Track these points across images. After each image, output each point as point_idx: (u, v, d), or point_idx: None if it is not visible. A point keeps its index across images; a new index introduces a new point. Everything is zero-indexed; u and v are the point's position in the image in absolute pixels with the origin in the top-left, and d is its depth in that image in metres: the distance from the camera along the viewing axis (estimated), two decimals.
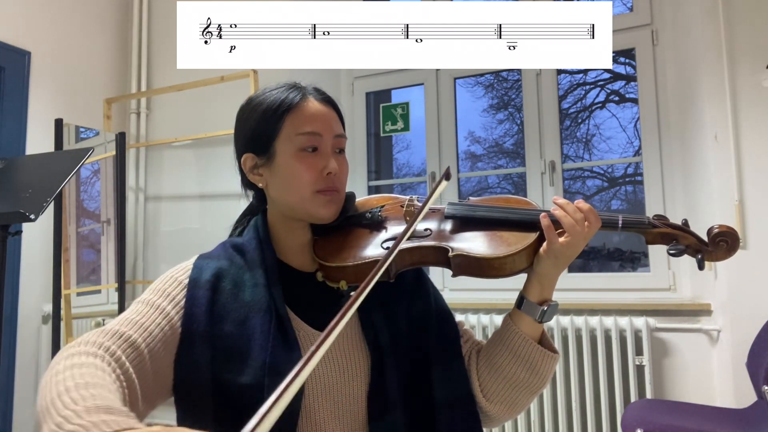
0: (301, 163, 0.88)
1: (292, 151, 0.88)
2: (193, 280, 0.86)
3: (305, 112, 0.89)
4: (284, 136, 0.89)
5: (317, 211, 0.89)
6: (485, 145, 3.42)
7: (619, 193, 3.29)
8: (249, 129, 0.92)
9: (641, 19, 2.72)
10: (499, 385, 0.90)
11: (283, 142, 0.89)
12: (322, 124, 0.90)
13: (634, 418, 1.94)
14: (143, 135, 3.32)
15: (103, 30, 3.29)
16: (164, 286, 0.87)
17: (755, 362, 2.03)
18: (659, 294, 2.57)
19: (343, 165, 0.93)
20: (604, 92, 3.21)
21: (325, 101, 0.93)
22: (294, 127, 0.89)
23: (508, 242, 0.85)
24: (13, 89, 2.74)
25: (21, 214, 1.55)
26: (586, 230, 0.84)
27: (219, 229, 3.50)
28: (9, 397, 2.66)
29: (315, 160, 0.89)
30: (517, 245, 0.84)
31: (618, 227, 0.87)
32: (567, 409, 2.48)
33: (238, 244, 0.93)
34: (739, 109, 2.28)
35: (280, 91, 0.92)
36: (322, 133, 0.89)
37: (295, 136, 0.88)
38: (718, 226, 0.85)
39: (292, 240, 0.94)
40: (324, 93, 0.95)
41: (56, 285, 2.64)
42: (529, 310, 0.88)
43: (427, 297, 0.96)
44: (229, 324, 0.83)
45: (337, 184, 0.90)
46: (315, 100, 0.92)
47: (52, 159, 1.92)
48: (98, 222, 3.04)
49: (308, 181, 0.88)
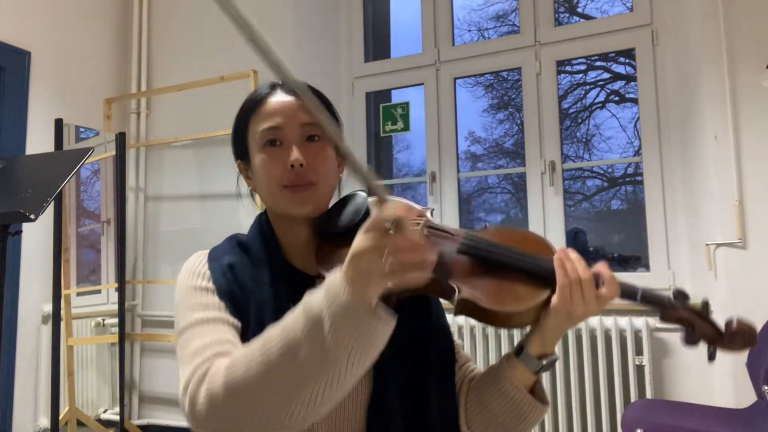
0: (265, 160, 0.86)
1: (257, 149, 0.87)
2: (213, 272, 0.85)
3: (266, 108, 0.87)
4: (251, 136, 0.89)
5: (288, 208, 0.86)
6: (485, 145, 3.42)
7: (619, 193, 3.29)
8: (231, 134, 0.93)
9: (641, 19, 2.72)
10: (483, 422, 0.87)
11: (251, 143, 0.89)
12: (281, 115, 0.86)
13: (634, 418, 1.94)
14: (143, 135, 3.32)
15: (103, 30, 3.29)
16: (198, 299, 0.83)
17: (755, 362, 2.03)
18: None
19: (318, 155, 0.86)
20: (604, 92, 3.21)
21: (293, 92, 0.88)
22: (256, 125, 0.87)
23: (518, 296, 0.79)
24: (13, 89, 2.74)
25: (21, 214, 1.55)
26: (601, 304, 0.79)
27: (219, 229, 3.50)
28: (9, 397, 2.66)
29: (278, 153, 0.85)
30: (528, 302, 0.79)
31: (636, 300, 0.83)
32: (567, 409, 2.48)
33: (243, 242, 0.92)
34: (739, 109, 2.28)
35: (254, 92, 0.91)
36: (281, 125, 0.86)
37: (257, 134, 0.87)
38: (737, 323, 0.80)
39: (291, 238, 0.91)
40: (297, 83, 0.90)
41: (56, 285, 2.64)
42: (527, 361, 0.83)
43: (429, 313, 0.91)
44: (247, 314, 0.82)
45: (307, 176, 0.84)
46: (281, 92, 0.89)
47: (52, 159, 1.92)
48: (98, 222, 3.04)
49: (274, 176, 0.85)
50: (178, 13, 3.33)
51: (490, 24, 3.42)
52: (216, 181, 3.09)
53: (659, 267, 2.59)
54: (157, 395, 3.16)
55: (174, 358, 2.27)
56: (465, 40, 3.34)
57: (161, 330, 3.15)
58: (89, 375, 3.06)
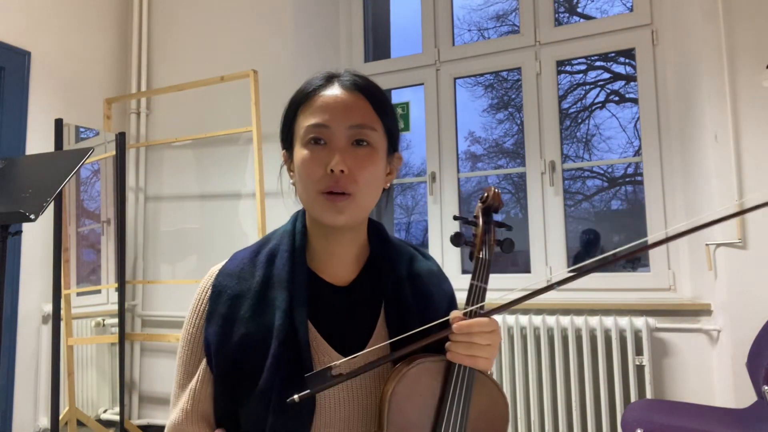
0: (306, 158, 0.80)
1: (300, 145, 0.82)
2: (209, 314, 0.84)
3: (316, 101, 0.81)
4: (297, 129, 0.84)
5: (321, 215, 0.80)
6: (485, 145, 3.42)
7: (619, 193, 3.29)
8: (281, 124, 0.88)
9: (641, 19, 2.72)
10: None
11: (297, 136, 0.84)
12: (331, 112, 0.80)
13: (634, 418, 1.94)
14: (143, 135, 3.32)
15: (103, 30, 3.29)
16: (186, 355, 0.86)
17: (755, 362, 2.03)
18: (659, 294, 2.57)
19: (362, 162, 0.80)
20: (604, 92, 3.21)
21: (352, 87, 0.82)
22: (303, 119, 0.82)
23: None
24: (13, 89, 2.74)
25: (21, 214, 1.55)
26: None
27: (219, 229, 3.50)
28: (9, 397, 2.66)
29: (321, 154, 0.79)
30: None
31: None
32: (567, 409, 2.48)
33: (271, 254, 0.87)
34: (739, 109, 2.28)
35: (308, 81, 0.86)
36: (329, 123, 0.80)
37: (303, 129, 0.82)
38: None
39: (326, 244, 0.87)
40: (357, 78, 0.84)
41: (56, 285, 2.64)
42: None
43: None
44: (249, 351, 0.80)
45: (345, 185, 0.78)
46: (338, 87, 0.82)
47: (52, 159, 1.92)
48: (98, 222, 3.04)
49: (312, 179, 0.79)
50: (178, 13, 3.33)
51: (490, 24, 3.42)
52: (216, 181, 3.09)
53: (659, 267, 2.59)
54: (157, 395, 3.16)
55: (174, 359, 2.27)
56: (465, 40, 3.34)
57: (161, 330, 3.15)
58: (89, 375, 3.06)
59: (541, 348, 2.52)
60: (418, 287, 0.89)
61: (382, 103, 0.84)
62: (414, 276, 0.90)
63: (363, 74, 0.86)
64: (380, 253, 0.90)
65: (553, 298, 2.60)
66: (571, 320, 2.48)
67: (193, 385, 0.84)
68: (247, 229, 2.97)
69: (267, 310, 0.81)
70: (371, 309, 0.86)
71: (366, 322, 0.85)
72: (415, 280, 0.89)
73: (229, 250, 0.93)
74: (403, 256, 0.91)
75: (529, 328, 2.54)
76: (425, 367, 0.80)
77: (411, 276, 0.90)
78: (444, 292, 0.94)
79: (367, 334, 0.85)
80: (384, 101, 0.85)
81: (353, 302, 0.86)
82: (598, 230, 3.11)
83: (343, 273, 0.87)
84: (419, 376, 0.80)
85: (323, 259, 0.87)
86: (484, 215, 0.94)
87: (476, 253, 0.90)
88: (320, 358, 0.81)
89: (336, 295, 0.86)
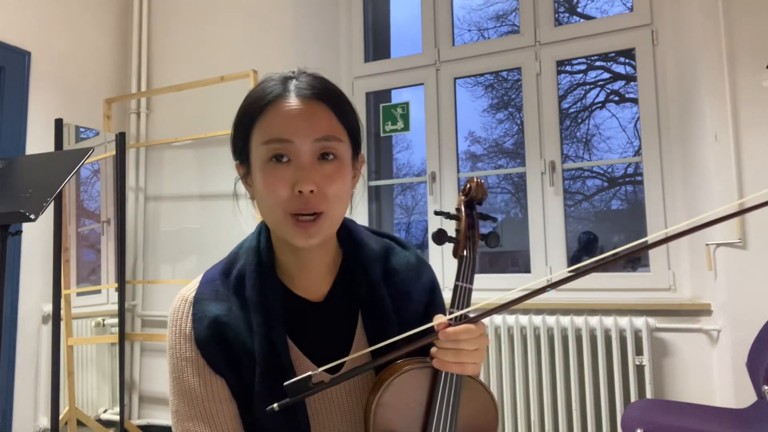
0: (269, 178, 0.74)
1: (260, 163, 0.75)
2: (198, 341, 0.79)
3: (274, 113, 0.74)
4: (254, 144, 0.76)
5: (292, 239, 0.75)
6: (485, 145, 3.42)
7: (619, 193, 3.29)
8: (232, 133, 0.81)
9: (641, 19, 2.72)
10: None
11: (254, 151, 0.76)
12: (292, 126, 0.73)
13: (634, 418, 1.94)
14: (143, 135, 3.32)
15: (103, 30, 3.29)
16: (182, 384, 0.80)
17: (755, 362, 2.03)
18: (659, 294, 2.57)
19: (332, 177, 0.74)
20: (604, 92, 3.21)
21: (311, 96, 0.75)
22: (261, 134, 0.75)
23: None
24: (13, 89, 2.74)
25: (21, 214, 1.55)
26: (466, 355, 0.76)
27: (218, 229, 3.49)
28: (9, 397, 2.66)
29: (285, 173, 0.73)
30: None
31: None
32: (567, 409, 2.48)
33: (239, 276, 0.82)
34: (739, 109, 2.28)
35: (261, 87, 0.78)
36: (291, 138, 0.73)
37: (261, 146, 0.74)
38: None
39: (294, 261, 0.83)
40: (314, 84, 0.77)
41: (56, 285, 2.64)
42: None
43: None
44: (242, 371, 0.80)
45: (316, 204, 0.73)
46: (296, 96, 0.75)
47: (52, 159, 1.92)
48: (98, 222, 3.04)
49: (278, 200, 0.73)
50: (178, 13, 3.33)
51: (490, 24, 3.43)
52: (216, 181, 3.09)
53: (659, 267, 2.59)
54: (157, 395, 3.16)
55: None
56: (465, 40, 3.34)
57: (161, 330, 3.15)
58: (89, 375, 3.06)
59: (541, 348, 2.52)
60: (394, 286, 0.86)
61: (342, 107, 0.78)
62: (390, 274, 0.87)
63: (318, 74, 0.80)
64: (352, 258, 0.86)
65: (552, 298, 2.60)
66: (571, 320, 2.48)
67: (214, 408, 0.79)
68: (246, 229, 2.97)
69: (249, 334, 0.78)
70: (348, 318, 0.84)
71: (344, 332, 0.84)
72: (391, 278, 0.86)
73: (228, 250, 0.92)
74: (377, 256, 0.87)
75: (528, 328, 2.54)
76: (410, 375, 0.78)
77: (387, 275, 0.86)
78: (423, 284, 0.90)
79: (347, 344, 0.83)
80: (344, 103, 0.78)
81: (330, 315, 0.84)
82: (599, 230, 3.11)
83: (316, 286, 0.84)
84: (404, 385, 0.77)
85: (294, 274, 0.84)
86: (467, 208, 0.88)
87: (459, 251, 0.85)
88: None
89: (312, 311, 0.83)
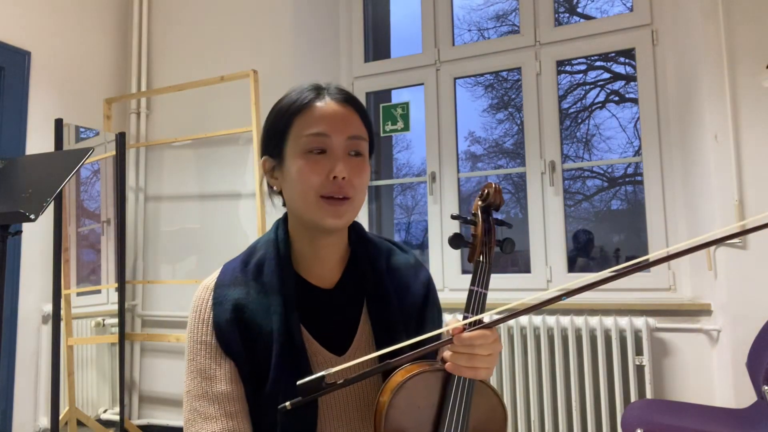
0: (306, 166, 0.84)
1: (298, 153, 0.85)
2: (216, 324, 0.85)
3: (314, 112, 0.86)
4: (292, 137, 0.87)
5: (322, 219, 0.85)
6: (485, 145, 3.42)
7: (619, 193, 3.29)
8: (265, 130, 0.92)
9: (641, 19, 2.72)
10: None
11: (291, 143, 0.87)
12: (331, 124, 0.85)
13: (634, 418, 1.94)
14: (143, 135, 3.32)
15: (103, 30, 3.29)
16: (200, 374, 0.85)
17: (755, 362, 2.03)
18: (659, 294, 2.57)
19: (359, 170, 0.87)
20: (604, 92, 3.22)
21: (344, 101, 0.89)
22: (301, 128, 0.86)
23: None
24: (13, 89, 2.74)
25: (21, 214, 1.55)
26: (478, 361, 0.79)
27: (219, 229, 3.49)
28: (9, 397, 2.66)
29: (322, 162, 0.84)
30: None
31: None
32: (567, 409, 2.48)
33: (259, 264, 0.90)
34: (739, 109, 2.28)
35: (298, 92, 0.90)
36: (329, 133, 0.85)
37: (301, 138, 0.85)
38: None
39: (310, 251, 0.91)
40: (345, 92, 0.91)
41: (56, 285, 2.64)
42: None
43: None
44: (256, 352, 0.84)
45: (346, 190, 0.85)
46: (331, 100, 0.88)
47: (52, 159, 1.92)
48: (98, 222, 3.04)
49: (313, 184, 0.84)
50: (178, 13, 3.33)
51: (490, 24, 3.43)
52: (216, 181, 3.09)
53: (659, 267, 2.59)
54: (157, 395, 3.16)
55: (174, 359, 2.27)
56: (465, 40, 3.34)
57: (161, 330, 3.15)
58: (89, 375, 3.06)
59: (542, 348, 2.52)
60: (397, 280, 0.94)
61: (365, 113, 0.92)
62: (393, 269, 0.95)
63: (343, 87, 0.93)
64: (361, 251, 0.95)
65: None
66: (571, 320, 2.48)
67: (223, 388, 0.84)
68: (246, 229, 2.97)
69: (266, 315, 0.85)
70: (355, 306, 0.92)
71: (351, 318, 0.91)
72: (394, 273, 0.95)
73: (228, 250, 0.94)
74: (382, 252, 0.97)
75: (529, 328, 2.54)
76: (423, 378, 0.79)
77: (390, 270, 0.95)
78: (421, 280, 0.97)
79: (352, 329, 0.90)
80: (366, 113, 0.92)
81: (339, 301, 0.91)
82: (599, 230, 3.11)
83: (328, 275, 0.92)
84: (416, 388, 0.79)
85: (309, 263, 0.92)
86: (484, 213, 0.89)
87: (476, 256, 0.86)
88: (315, 359, 0.86)
89: (323, 297, 0.91)
